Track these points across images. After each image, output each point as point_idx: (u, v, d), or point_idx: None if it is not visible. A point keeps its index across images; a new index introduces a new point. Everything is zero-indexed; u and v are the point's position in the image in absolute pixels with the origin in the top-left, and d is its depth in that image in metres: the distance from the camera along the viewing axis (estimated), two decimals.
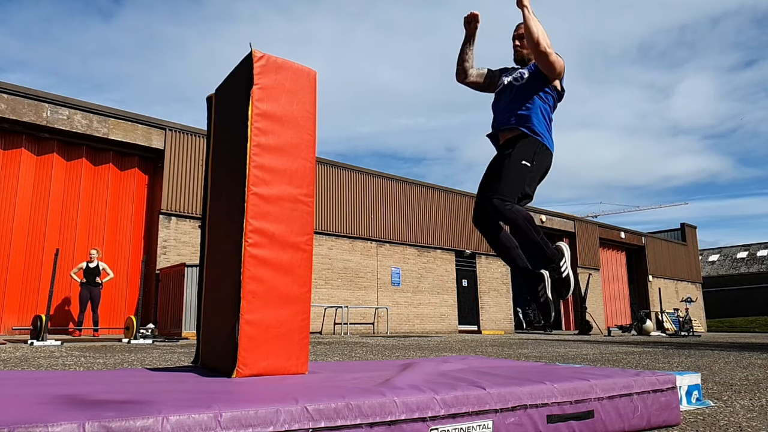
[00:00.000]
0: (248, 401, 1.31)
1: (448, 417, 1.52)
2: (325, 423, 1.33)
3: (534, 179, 2.76)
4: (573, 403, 1.78)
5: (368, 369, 2.39)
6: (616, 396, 1.91)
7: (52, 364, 4.52)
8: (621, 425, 1.92)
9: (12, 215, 11.22)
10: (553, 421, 1.71)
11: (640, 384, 2.02)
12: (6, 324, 10.82)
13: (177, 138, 13.09)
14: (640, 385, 2.02)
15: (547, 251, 2.74)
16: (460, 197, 19.35)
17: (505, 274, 20.49)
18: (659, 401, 2.06)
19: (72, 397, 1.31)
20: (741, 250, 44.58)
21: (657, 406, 2.05)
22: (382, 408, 1.43)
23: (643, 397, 2.01)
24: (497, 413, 1.61)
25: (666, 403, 2.08)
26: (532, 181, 2.75)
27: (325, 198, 15.62)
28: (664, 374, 2.18)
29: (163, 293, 11.82)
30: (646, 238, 27.62)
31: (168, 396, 1.27)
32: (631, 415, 1.95)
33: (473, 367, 2.56)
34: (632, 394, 1.97)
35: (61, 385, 1.61)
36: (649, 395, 2.03)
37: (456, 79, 3.05)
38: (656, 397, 2.05)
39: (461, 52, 3.01)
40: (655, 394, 2.05)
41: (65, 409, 1.16)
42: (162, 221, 12.57)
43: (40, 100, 11.36)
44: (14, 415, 1.09)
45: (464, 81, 3.04)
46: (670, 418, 2.10)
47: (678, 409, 2.15)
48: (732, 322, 35.51)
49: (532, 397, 1.70)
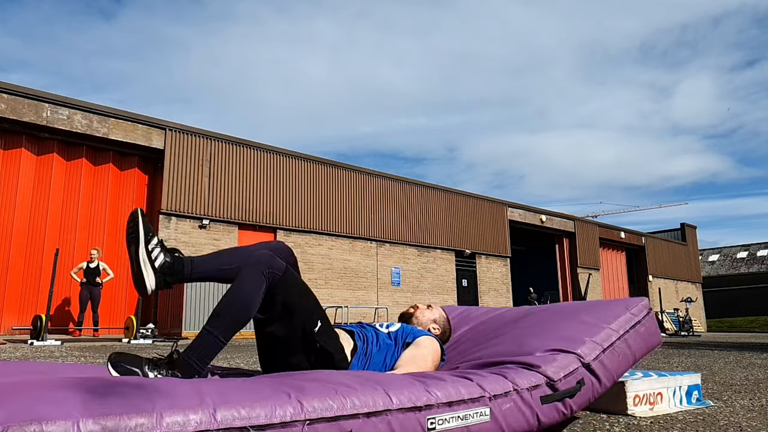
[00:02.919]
0: (243, 396, 1.30)
1: (444, 406, 1.52)
2: (320, 416, 1.32)
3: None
4: (562, 380, 1.76)
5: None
6: (600, 354, 1.88)
7: None
8: (611, 378, 1.90)
9: (12, 215, 11.22)
10: (548, 401, 1.71)
11: (618, 327, 1.97)
12: (6, 324, 10.82)
13: (177, 138, 13.09)
14: (619, 327, 1.97)
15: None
16: (460, 197, 19.34)
17: (505, 274, 20.49)
18: (640, 333, 2.02)
19: (67, 394, 1.30)
20: (741, 250, 44.57)
21: (638, 339, 2.01)
22: (377, 400, 1.43)
23: (624, 338, 1.96)
24: (491, 400, 1.61)
25: (646, 332, 2.04)
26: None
27: (325, 198, 15.62)
28: (637, 301, 2.12)
29: (163, 293, 11.82)
30: (646, 238, 27.61)
31: (163, 392, 1.27)
32: (618, 364, 1.92)
33: (463, 336, 2.55)
34: (614, 342, 1.93)
35: (56, 380, 1.61)
36: (629, 333, 1.98)
37: None
38: (636, 332, 2.01)
39: None
40: (634, 329, 2.01)
41: (60, 406, 1.15)
42: (162, 221, 12.57)
43: (40, 100, 11.36)
44: (8, 412, 1.08)
45: None
46: (652, 344, 2.06)
47: (658, 331, 2.10)
48: (732, 322, 35.50)
49: (522, 383, 1.70)
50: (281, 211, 14.69)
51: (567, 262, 23.74)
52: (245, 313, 1.81)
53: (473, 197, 19.90)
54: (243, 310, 1.80)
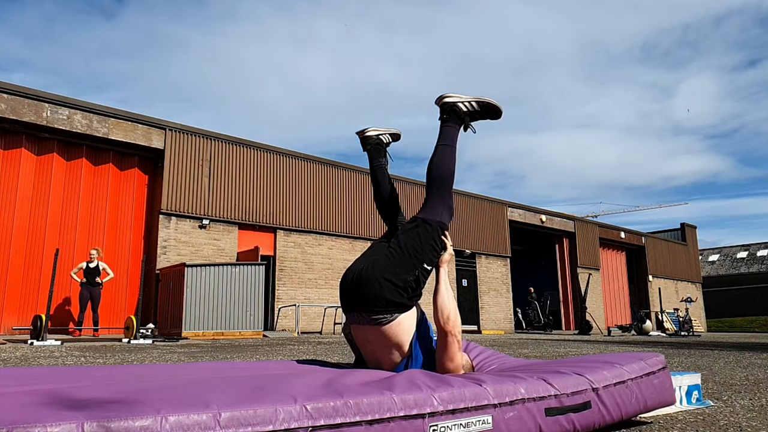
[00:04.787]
0: (247, 400, 1.31)
1: (447, 413, 1.52)
2: (324, 421, 1.33)
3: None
4: (570, 396, 1.78)
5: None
6: (610, 385, 1.92)
7: (52, 364, 4.52)
8: (618, 413, 1.92)
9: (12, 215, 11.21)
10: (552, 414, 1.71)
11: (632, 371, 2.03)
12: (6, 324, 10.82)
13: (177, 138, 13.09)
14: (632, 371, 2.03)
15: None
16: (460, 197, 19.34)
17: (505, 274, 20.49)
18: (653, 384, 2.07)
19: (70, 397, 1.31)
20: (741, 250, 44.58)
21: (651, 389, 2.06)
22: (381, 405, 1.43)
23: (637, 382, 2.01)
24: (496, 408, 1.61)
25: (659, 385, 2.09)
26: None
27: (325, 198, 15.62)
28: (653, 356, 2.18)
29: (163, 293, 11.83)
30: (646, 238, 27.61)
31: (167, 395, 1.27)
32: (628, 402, 1.96)
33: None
34: (626, 381, 1.98)
35: (59, 383, 1.61)
36: (642, 380, 2.04)
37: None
38: (649, 381, 2.06)
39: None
40: (648, 378, 2.06)
41: (63, 408, 1.16)
42: (162, 221, 12.57)
43: (40, 100, 11.36)
44: (12, 415, 1.08)
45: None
46: (664, 398, 2.10)
47: (672, 389, 2.15)
48: (732, 322, 35.51)
49: (529, 392, 1.71)
50: (281, 211, 14.69)
51: (567, 262, 23.74)
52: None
53: (473, 197, 19.90)
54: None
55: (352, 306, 2.17)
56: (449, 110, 2.44)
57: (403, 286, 2.11)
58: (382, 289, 2.07)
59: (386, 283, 2.07)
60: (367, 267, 2.14)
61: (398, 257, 2.14)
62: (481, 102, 2.46)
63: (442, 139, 2.44)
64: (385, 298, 2.07)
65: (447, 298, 2.19)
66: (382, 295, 2.07)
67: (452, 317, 2.14)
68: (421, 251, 2.18)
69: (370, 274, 2.10)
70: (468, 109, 2.45)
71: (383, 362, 2.16)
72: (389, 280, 2.08)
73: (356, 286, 2.13)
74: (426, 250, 2.19)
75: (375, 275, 2.09)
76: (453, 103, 2.44)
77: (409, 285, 2.12)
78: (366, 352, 2.24)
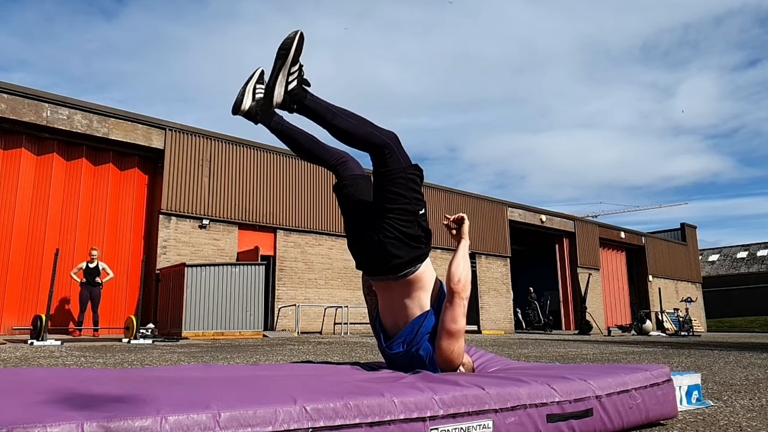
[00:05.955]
0: (247, 401, 1.31)
1: (448, 417, 1.52)
2: (323, 423, 1.32)
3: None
4: (572, 402, 1.78)
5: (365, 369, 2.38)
6: (613, 393, 1.92)
7: (52, 364, 4.52)
8: (620, 422, 1.92)
9: (12, 215, 11.22)
10: (553, 420, 1.71)
11: (636, 380, 2.03)
12: (6, 324, 10.82)
13: (177, 138, 13.09)
14: (637, 381, 2.03)
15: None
16: (460, 197, 19.34)
17: (505, 274, 20.49)
18: (656, 395, 2.06)
19: (70, 397, 1.31)
20: (741, 250, 44.57)
21: (654, 400, 2.05)
22: (381, 408, 1.43)
23: (640, 392, 2.01)
24: (497, 413, 1.60)
25: (663, 397, 2.09)
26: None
27: (325, 198, 15.61)
28: (658, 367, 2.18)
29: (163, 293, 11.83)
30: (646, 238, 27.61)
31: (167, 395, 1.27)
32: (630, 411, 1.95)
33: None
34: (629, 390, 1.98)
35: (59, 383, 1.61)
36: (645, 390, 2.04)
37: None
38: (653, 392, 2.06)
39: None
40: (651, 389, 2.06)
41: (63, 408, 1.16)
42: (162, 221, 12.57)
43: (40, 100, 11.36)
44: (12, 415, 1.09)
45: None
46: (666, 410, 2.10)
47: (675, 402, 2.16)
48: (732, 322, 35.50)
49: (531, 397, 1.70)
50: (281, 211, 14.69)
51: (567, 262, 23.74)
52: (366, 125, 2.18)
53: (473, 197, 19.89)
54: (363, 123, 2.18)
55: (378, 275, 2.27)
56: (292, 100, 2.18)
57: (415, 240, 2.19)
58: (402, 258, 2.16)
59: (401, 249, 2.15)
60: (375, 252, 2.20)
61: (395, 223, 2.16)
62: (283, 64, 2.16)
63: (324, 113, 2.19)
64: (407, 261, 2.17)
65: (462, 265, 2.24)
66: (403, 260, 2.16)
67: (463, 280, 2.20)
68: (408, 203, 2.19)
69: (384, 252, 2.16)
70: (291, 80, 2.17)
71: (399, 317, 2.25)
72: (402, 245, 2.15)
73: (376, 263, 2.23)
74: (411, 200, 2.19)
75: (390, 253, 2.16)
76: (283, 95, 2.16)
77: (417, 235, 2.20)
78: (384, 306, 2.33)
